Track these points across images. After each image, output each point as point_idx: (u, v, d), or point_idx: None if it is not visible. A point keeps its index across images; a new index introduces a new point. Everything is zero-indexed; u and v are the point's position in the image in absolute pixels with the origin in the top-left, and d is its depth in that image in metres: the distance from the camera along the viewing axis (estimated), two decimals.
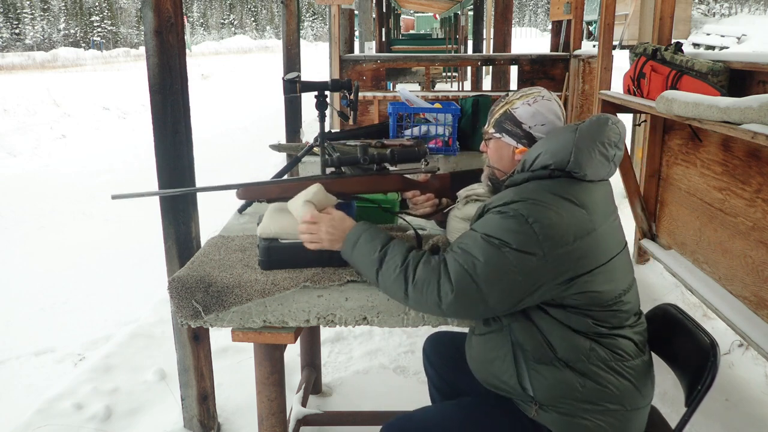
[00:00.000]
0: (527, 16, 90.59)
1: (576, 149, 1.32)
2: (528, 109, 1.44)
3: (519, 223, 1.25)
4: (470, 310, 1.28)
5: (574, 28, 5.20)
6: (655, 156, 3.47)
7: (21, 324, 3.49)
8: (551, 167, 1.33)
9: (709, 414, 2.33)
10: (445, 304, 1.26)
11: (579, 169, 1.32)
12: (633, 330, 1.36)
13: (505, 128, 1.47)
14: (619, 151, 1.37)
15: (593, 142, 1.33)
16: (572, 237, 1.25)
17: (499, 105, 1.50)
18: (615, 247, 1.34)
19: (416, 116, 2.95)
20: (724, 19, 30.55)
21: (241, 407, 2.47)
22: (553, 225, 1.24)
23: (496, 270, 1.24)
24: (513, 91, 1.53)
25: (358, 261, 1.40)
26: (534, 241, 1.23)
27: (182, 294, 1.44)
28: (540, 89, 1.48)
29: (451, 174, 1.72)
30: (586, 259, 1.27)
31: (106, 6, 79.13)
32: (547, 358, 1.31)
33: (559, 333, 1.30)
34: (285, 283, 1.46)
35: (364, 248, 1.39)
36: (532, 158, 1.37)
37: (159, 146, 2.07)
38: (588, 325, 1.30)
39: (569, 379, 1.30)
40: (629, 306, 1.36)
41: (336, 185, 1.57)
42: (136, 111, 12.75)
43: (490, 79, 8.91)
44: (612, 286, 1.31)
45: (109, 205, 5.88)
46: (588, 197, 1.32)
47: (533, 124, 1.43)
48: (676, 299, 3.29)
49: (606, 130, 1.35)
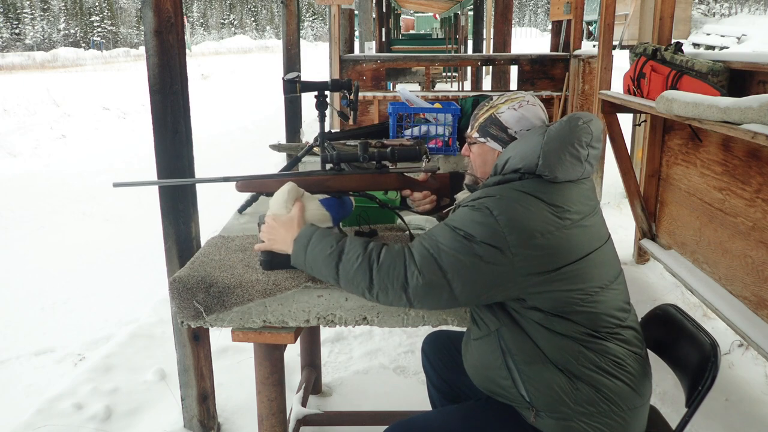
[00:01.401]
0: (527, 16, 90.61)
1: (543, 153, 1.31)
2: (514, 114, 1.44)
3: (484, 215, 1.26)
4: (436, 297, 1.26)
5: (574, 28, 5.21)
6: (655, 156, 3.48)
7: (21, 324, 3.49)
8: (521, 170, 1.34)
9: (709, 414, 2.33)
10: (411, 288, 1.25)
11: (549, 172, 1.31)
12: (622, 328, 1.34)
13: (490, 133, 1.46)
14: (594, 150, 1.36)
15: (562, 144, 1.32)
16: (539, 232, 1.25)
17: (483, 109, 1.49)
18: (592, 244, 1.32)
19: (416, 116, 2.95)
20: (724, 19, 30.57)
21: (241, 407, 2.47)
22: (518, 219, 1.25)
23: (460, 259, 1.24)
24: (497, 95, 1.53)
25: (312, 259, 1.34)
26: (498, 235, 1.23)
27: (183, 295, 1.45)
28: (524, 94, 1.48)
29: (451, 174, 1.72)
30: (554, 256, 1.26)
31: (106, 6, 79.17)
32: (537, 362, 1.30)
33: (544, 336, 1.29)
34: (286, 283, 1.46)
35: (318, 246, 1.34)
36: (503, 162, 1.38)
37: (159, 146, 2.07)
38: (571, 328, 1.29)
39: (562, 382, 1.29)
40: (609, 305, 1.33)
41: (335, 182, 1.57)
42: (136, 111, 12.74)
43: (490, 79, 8.92)
44: (586, 285, 1.29)
45: (109, 205, 5.89)
46: (559, 196, 1.31)
47: (518, 129, 1.43)
48: (676, 299, 3.29)
49: (577, 131, 1.34)
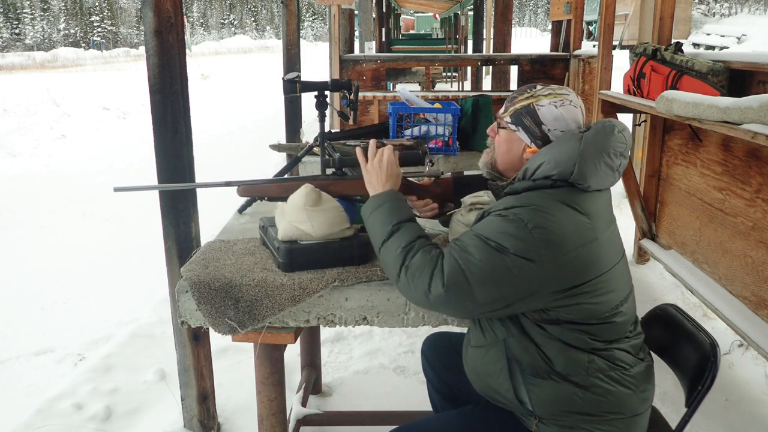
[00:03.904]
0: (527, 16, 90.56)
1: (581, 160, 1.26)
2: (553, 111, 1.35)
3: (518, 228, 1.22)
4: (458, 306, 1.25)
5: (574, 28, 5.20)
6: (655, 156, 3.48)
7: (21, 324, 3.49)
8: (554, 177, 1.28)
9: (709, 414, 2.33)
10: (433, 296, 1.24)
11: (583, 181, 1.27)
12: (630, 339, 1.34)
13: (524, 123, 1.37)
14: (625, 160, 1.33)
15: (599, 152, 1.28)
16: (573, 245, 1.22)
17: (523, 95, 1.39)
18: (615, 256, 1.31)
19: (416, 116, 2.95)
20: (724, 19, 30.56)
21: (241, 407, 2.47)
22: (553, 232, 1.21)
23: (490, 271, 1.21)
24: (539, 86, 1.41)
25: (372, 223, 1.39)
26: (532, 248, 1.20)
27: (215, 315, 1.43)
28: (569, 92, 1.38)
29: (455, 179, 1.68)
30: (586, 270, 1.23)
31: (106, 6, 79.13)
32: (544, 373, 1.29)
33: (555, 347, 1.28)
34: (313, 285, 1.44)
35: (382, 214, 1.37)
36: (534, 167, 1.31)
37: (159, 146, 2.07)
38: (585, 341, 1.27)
39: (568, 392, 1.28)
40: (626, 317, 1.33)
41: (337, 187, 1.56)
42: (136, 111, 12.73)
43: (490, 79, 8.91)
44: (610, 297, 1.28)
45: (109, 205, 5.88)
46: (591, 206, 1.28)
47: (553, 128, 1.35)
48: (676, 299, 3.29)
49: (612, 139, 1.30)
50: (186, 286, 1.47)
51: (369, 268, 1.51)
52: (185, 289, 1.47)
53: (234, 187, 1.61)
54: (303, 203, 1.48)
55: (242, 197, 1.68)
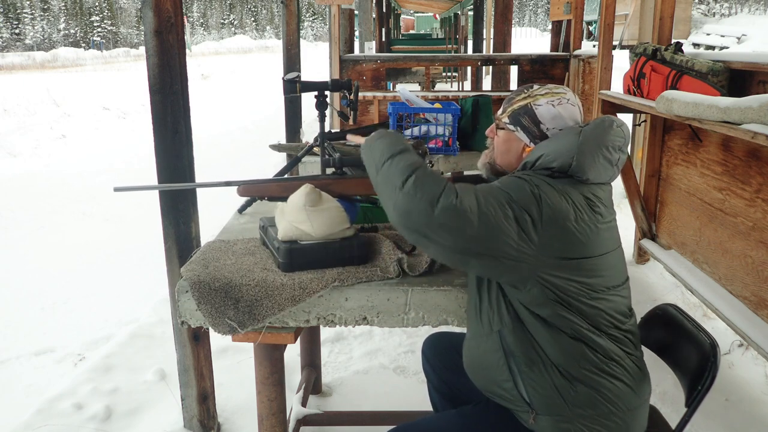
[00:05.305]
0: (527, 16, 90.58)
1: (579, 153, 1.29)
2: (551, 110, 1.38)
3: (529, 185, 1.26)
4: (455, 228, 1.19)
5: (574, 28, 5.21)
6: (655, 156, 3.48)
7: (21, 324, 3.49)
8: (554, 168, 1.31)
9: (709, 414, 2.33)
10: (441, 205, 1.18)
11: (582, 173, 1.30)
12: (621, 331, 1.34)
13: (522, 123, 1.40)
14: (623, 155, 1.35)
15: (598, 146, 1.31)
16: (573, 217, 1.25)
17: (521, 96, 1.42)
18: (610, 245, 1.33)
19: (416, 116, 2.95)
20: (724, 19, 30.58)
21: (241, 407, 2.47)
22: (554, 200, 1.25)
23: (496, 207, 1.22)
24: (536, 86, 1.43)
25: (376, 146, 1.34)
26: (535, 206, 1.23)
27: (215, 315, 1.43)
28: (566, 90, 1.41)
29: (455, 179, 1.68)
30: (578, 245, 1.25)
31: (106, 6, 79.15)
32: (538, 363, 1.30)
33: (548, 336, 1.28)
34: (313, 285, 1.44)
35: (391, 139, 1.34)
36: (534, 159, 1.35)
37: (159, 146, 2.07)
38: (577, 329, 1.28)
39: (562, 384, 1.29)
40: (617, 304, 1.33)
41: (337, 186, 1.56)
42: (136, 111, 12.73)
43: (490, 79, 8.91)
44: (601, 280, 1.29)
45: (109, 205, 5.88)
46: (591, 195, 1.32)
47: (552, 127, 1.38)
48: (676, 299, 3.29)
49: (611, 133, 1.33)
50: (186, 286, 1.47)
51: (369, 268, 1.51)
52: (185, 289, 1.47)
53: (234, 187, 1.61)
54: (303, 203, 1.49)
55: (242, 197, 1.68)
